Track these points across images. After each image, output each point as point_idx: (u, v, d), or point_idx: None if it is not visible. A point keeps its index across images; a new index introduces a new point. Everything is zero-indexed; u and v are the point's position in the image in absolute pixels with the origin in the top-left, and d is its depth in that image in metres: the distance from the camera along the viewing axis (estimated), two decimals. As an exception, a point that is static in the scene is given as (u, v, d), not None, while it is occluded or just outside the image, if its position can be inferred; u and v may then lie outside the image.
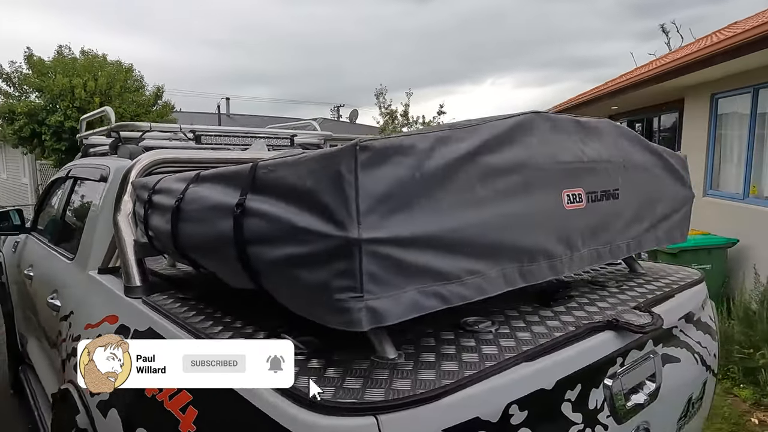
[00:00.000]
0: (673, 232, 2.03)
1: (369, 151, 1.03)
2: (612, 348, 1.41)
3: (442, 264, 1.14)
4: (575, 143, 1.56)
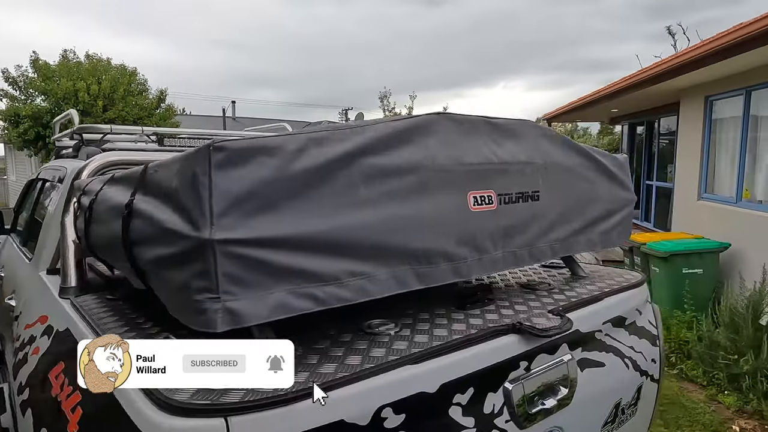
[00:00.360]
0: (610, 235, 2.00)
1: (224, 151, 1.03)
2: (513, 351, 1.39)
3: (316, 265, 1.13)
4: (486, 144, 1.54)
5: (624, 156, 2.18)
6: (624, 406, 1.79)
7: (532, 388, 1.43)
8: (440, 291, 1.61)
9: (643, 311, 1.93)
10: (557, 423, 1.50)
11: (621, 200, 2.06)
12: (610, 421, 1.73)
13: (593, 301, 1.73)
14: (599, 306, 1.72)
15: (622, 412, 1.79)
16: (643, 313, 1.93)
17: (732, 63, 5.21)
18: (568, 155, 1.83)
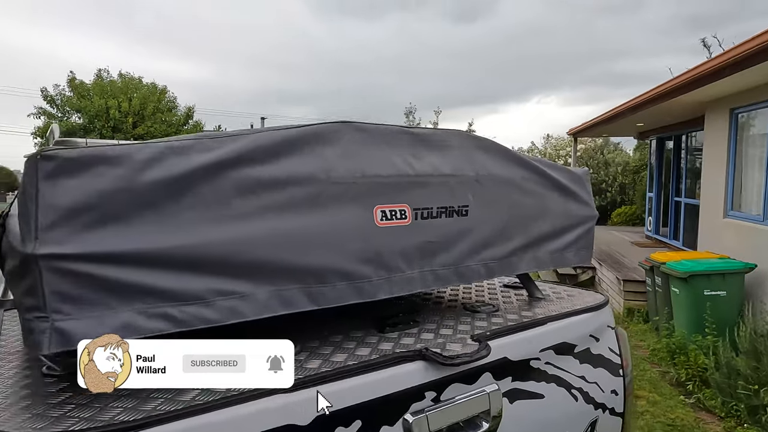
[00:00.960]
0: (564, 254, 1.86)
1: (54, 161, 0.96)
2: (416, 381, 1.27)
3: (174, 283, 1.06)
4: (401, 156, 1.43)
5: (584, 170, 2.04)
6: None
7: (442, 422, 1.30)
8: (372, 310, 1.54)
9: (601, 338, 1.77)
10: None
11: (577, 216, 1.90)
12: None
13: (531, 326, 1.58)
14: (538, 331, 1.58)
15: None
16: (601, 339, 1.77)
17: (755, 73, 4.95)
18: (509, 168, 1.70)
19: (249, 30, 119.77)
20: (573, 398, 1.62)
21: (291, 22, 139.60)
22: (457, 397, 1.34)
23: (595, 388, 1.70)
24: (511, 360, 1.46)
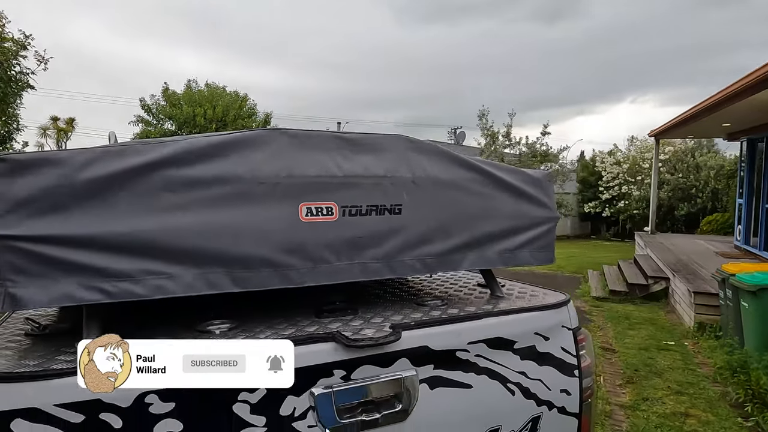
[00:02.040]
0: (516, 253, 1.86)
1: (6, 162, 1.19)
2: (323, 359, 1.38)
3: (107, 262, 1.24)
4: (330, 158, 1.54)
5: (543, 172, 2.02)
6: None
7: (351, 399, 1.40)
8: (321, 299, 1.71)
9: (551, 337, 1.76)
10: None
11: (532, 217, 1.91)
12: None
13: (459, 320, 1.64)
14: (467, 325, 1.62)
15: None
16: (551, 338, 1.76)
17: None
18: (450, 170, 1.75)
19: (336, 37, 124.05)
20: (509, 392, 1.65)
21: (378, 28, 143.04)
22: (367, 378, 1.43)
23: (539, 385, 1.70)
24: (433, 349, 1.53)
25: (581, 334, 1.85)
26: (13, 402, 1.13)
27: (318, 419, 1.37)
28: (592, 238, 20.16)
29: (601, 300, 8.30)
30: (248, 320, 1.56)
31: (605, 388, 4.56)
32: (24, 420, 1.13)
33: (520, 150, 18.83)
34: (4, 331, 1.53)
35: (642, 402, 4.23)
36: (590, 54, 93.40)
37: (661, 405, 4.17)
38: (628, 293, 8.36)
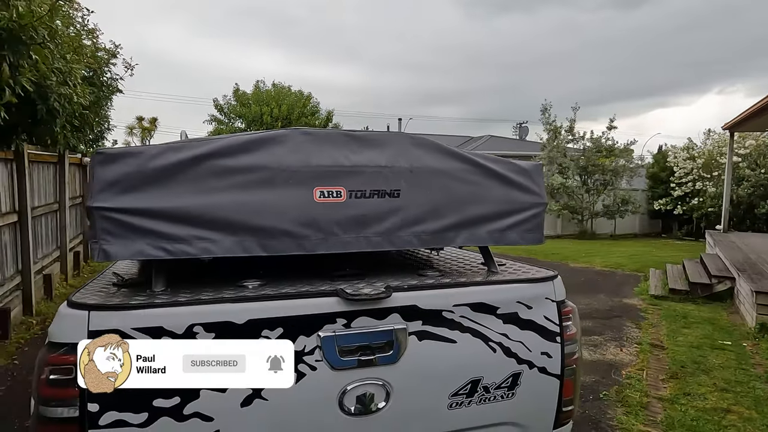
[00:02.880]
0: (506, 233, 2.11)
1: (102, 155, 1.62)
2: (328, 309, 1.70)
3: (168, 229, 1.63)
4: (340, 152, 1.86)
5: (533, 163, 2.22)
6: (489, 386, 1.88)
7: (350, 342, 1.72)
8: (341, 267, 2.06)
9: (534, 306, 1.99)
10: (382, 376, 1.75)
11: (521, 203, 2.15)
12: (465, 393, 1.88)
13: (445, 287, 1.92)
14: (451, 291, 1.90)
15: (486, 391, 1.89)
16: (534, 308, 1.99)
17: None
18: (444, 161, 2.03)
19: (406, 35, 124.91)
20: (491, 350, 1.91)
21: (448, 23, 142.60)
22: (365, 327, 1.75)
23: (520, 346, 1.94)
24: (421, 308, 1.82)
25: (567, 307, 2.05)
26: (104, 323, 1.53)
27: (323, 356, 1.70)
28: (663, 236, 19.21)
29: (659, 299, 8.08)
30: (276, 281, 1.91)
31: (646, 381, 4.57)
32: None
33: (584, 145, 18.30)
34: (99, 282, 1.98)
35: (682, 396, 4.22)
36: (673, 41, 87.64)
37: (702, 400, 4.15)
38: (689, 292, 8.07)
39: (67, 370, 1.47)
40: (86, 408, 1.48)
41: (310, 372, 1.68)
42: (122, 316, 1.54)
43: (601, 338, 5.89)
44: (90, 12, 7.47)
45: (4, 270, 5.75)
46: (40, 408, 1.50)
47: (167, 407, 1.54)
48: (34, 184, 6.78)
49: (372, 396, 1.75)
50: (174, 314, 1.59)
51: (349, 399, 1.73)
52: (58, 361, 1.48)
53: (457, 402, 1.89)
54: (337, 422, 1.69)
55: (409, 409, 1.81)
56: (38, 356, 1.54)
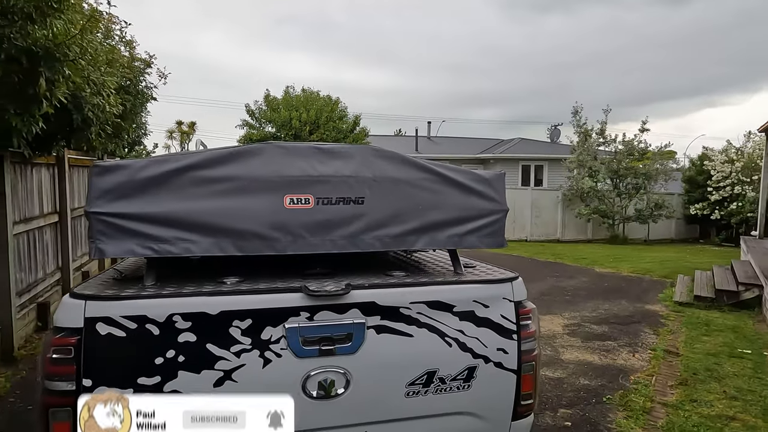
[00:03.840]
0: (465, 238, 2.26)
1: (98, 167, 1.85)
2: (292, 303, 1.89)
3: (154, 231, 1.86)
4: (308, 163, 2.05)
5: (494, 172, 2.34)
6: (445, 378, 2.03)
7: (313, 334, 1.90)
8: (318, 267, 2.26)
9: (491, 305, 2.12)
10: (342, 365, 1.93)
11: (480, 209, 2.29)
12: (421, 383, 2.03)
13: (403, 286, 2.08)
14: (408, 290, 2.06)
15: (442, 382, 2.03)
16: (491, 306, 2.12)
17: None
18: (405, 171, 2.19)
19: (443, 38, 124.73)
20: (446, 344, 2.05)
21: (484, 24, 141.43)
22: (326, 320, 1.93)
23: (476, 342, 2.07)
24: (379, 304, 1.99)
25: (525, 307, 2.17)
26: (98, 311, 1.76)
27: (288, 344, 1.90)
28: (701, 242, 18.60)
29: (683, 305, 7.92)
30: (254, 279, 2.10)
31: (653, 387, 4.56)
32: (103, 323, 1.75)
33: (616, 148, 17.92)
34: (103, 277, 2.25)
35: (688, 402, 4.20)
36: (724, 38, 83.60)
37: (708, 407, 4.12)
38: (715, 300, 7.88)
39: (68, 350, 1.73)
40: (81, 383, 1.73)
41: (276, 359, 1.88)
42: (112, 306, 1.78)
43: (614, 343, 5.87)
44: (128, 24, 7.95)
45: (45, 266, 6.20)
46: (45, 382, 1.76)
47: (149, 385, 1.76)
48: (74, 187, 7.28)
49: (333, 382, 1.93)
50: (157, 305, 1.81)
51: (312, 384, 1.91)
52: (60, 343, 1.73)
53: (414, 391, 2.03)
54: (300, 404, 1.85)
55: (367, 396, 1.97)
56: (43, 340, 1.80)
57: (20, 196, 5.47)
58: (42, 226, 6.07)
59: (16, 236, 5.22)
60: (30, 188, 5.77)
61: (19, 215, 5.41)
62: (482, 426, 2.14)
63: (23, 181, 5.57)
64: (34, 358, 5.02)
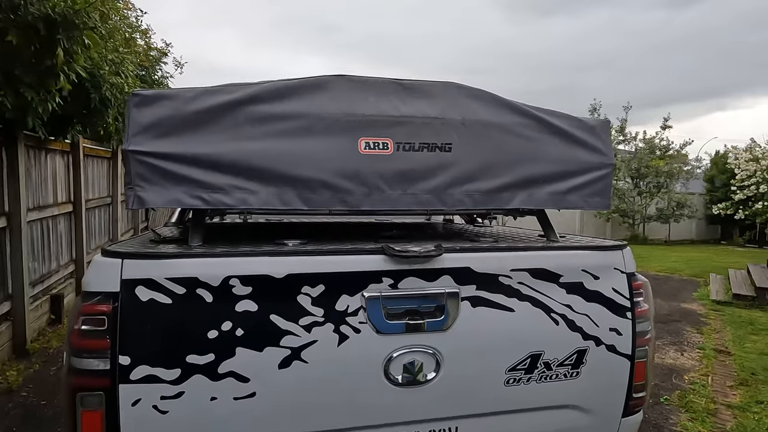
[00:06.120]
0: (567, 196, 1.91)
1: (139, 96, 1.54)
2: (372, 267, 1.57)
3: (207, 177, 1.54)
4: (388, 101, 1.72)
5: (599, 119, 1.99)
6: (551, 362, 1.70)
7: (397, 305, 1.58)
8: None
9: (601, 276, 1.78)
10: (431, 343, 1.60)
11: (584, 163, 1.94)
12: (523, 369, 1.69)
13: (501, 250, 1.74)
14: (508, 254, 1.72)
15: (548, 367, 1.70)
16: (601, 278, 1.78)
17: None
18: (499, 114, 1.84)
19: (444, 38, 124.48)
20: (553, 322, 1.71)
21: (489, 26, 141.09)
22: (413, 288, 1.60)
23: (586, 320, 1.74)
24: (475, 271, 1.65)
25: (638, 280, 1.84)
26: (138, 272, 1.47)
27: (368, 318, 1.57)
28: (722, 243, 18.11)
29: (722, 304, 7.56)
30: (319, 241, 1.80)
31: (711, 387, 4.22)
32: (144, 287, 1.47)
33: (636, 146, 17.52)
34: (136, 240, 1.97)
35: (755, 404, 3.86)
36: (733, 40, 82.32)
37: (778, 409, 3.77)
38: (756, 298, 7.49)
39: (100, 320, 1.42)
40: (117, 361, 1.42)
41: (354, 334, 1.56)
42: (156, 265, 1.48)
43: (659, 342, 5.51)
44: (143, 13, 7.72)
45: (59, 257, 5.96)
46: (72, 359, 1.45)
47: (201, 364, 1.48)
48: (89, 177, 7.03)
49: (420, 365, 1.61)
50: (211, 265, 1.51)
51: (395, 367, 1.59)
52: (91, 311, 1.43)
53: (515, 378, 1.71)
54: (382, 392, 1.57)
55: (461, 383, 1.66)
56: (72, 307, 1.50)
57: (34, 183, 5.23)
58: (56, 215, 5.83)
59: (29, 224, 4.97)
60: (44, 175, 5.53)
61: (33, 202, 5.17)
62: (589, 422, 1.81)
63: (37, 166, 5.32)
64: (47, 352, 4.77)
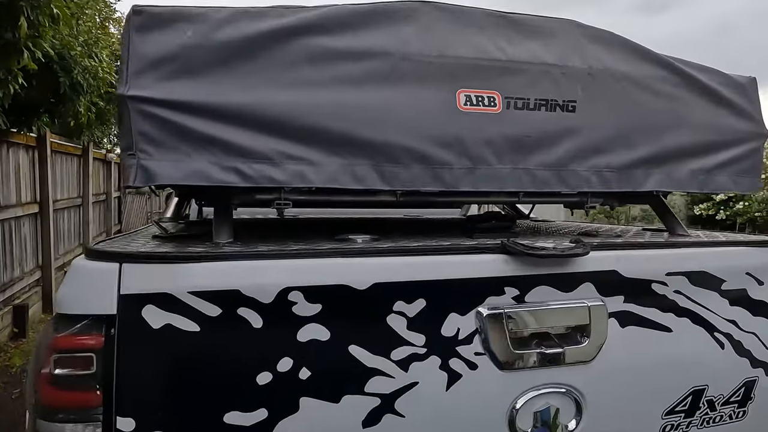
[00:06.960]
0: (714, 175, 1.52)
1: (144, 15, 1.04)
2: (491, 272, 1.12)
3: (241, 139, 1.08)
4: (491, 40, 1.29)
5: (748, 77, 1.60)
6: (715, 400, 1.29)
7: (525, 325, 1.12)
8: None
9: (766, 281, 1.39)
10: (569, 381, 1.15)
11: (734, 131, 1.54)
12: (683, 411, 1.26)
13: (652, 247, 1.31)
14: (661, 252, 1.30)
15: (711, 407, 1.28)
16: (765, 283, 1.38)
17: None
18: (633, 63, 1.43)
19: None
20: (718, 345, 1.31)
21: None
22: (546, 302, 1.16)
23: (753, 340, 1.35)
24: (623, 275, 1.22)
25: None
26: (146, 284, 1.02)
27: (487, 346, 1.11)
28: (703, 243, 18.27)
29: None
30: (387, 236, 1.37)
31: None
32: (155, 307, 1.02)
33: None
34: (131, 236, 1.49)
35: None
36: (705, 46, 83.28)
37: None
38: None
39: (85, 360, 0.91)
40: (114, 426, 0.93)
41: (468, 372, 1.09)
42: (174, 272, 0.98)
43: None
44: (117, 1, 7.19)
45: (23, 263, 5.36)
46: (38, 423, 0.93)
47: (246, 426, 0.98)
48: (57, 176, 6.43)
49: (556, 412, 1.16)
50: (257, 270, 1.03)
51: (524, 417, 1.13)
52: (71, 345, 0.92)
53: (673, 425, 1.27)
54: None
55: None
56: (38, 339, 1.00)
57: (-6, 179, 4.66)
58: (19, 216, 5.23)
59: (-12, 225, 4.41)
60: (6, 171, 4.94)
61: (-7, 201, 4.60)
62: None
63: (-2, 161, 4.75)
64: (8, 372, 4.19)
